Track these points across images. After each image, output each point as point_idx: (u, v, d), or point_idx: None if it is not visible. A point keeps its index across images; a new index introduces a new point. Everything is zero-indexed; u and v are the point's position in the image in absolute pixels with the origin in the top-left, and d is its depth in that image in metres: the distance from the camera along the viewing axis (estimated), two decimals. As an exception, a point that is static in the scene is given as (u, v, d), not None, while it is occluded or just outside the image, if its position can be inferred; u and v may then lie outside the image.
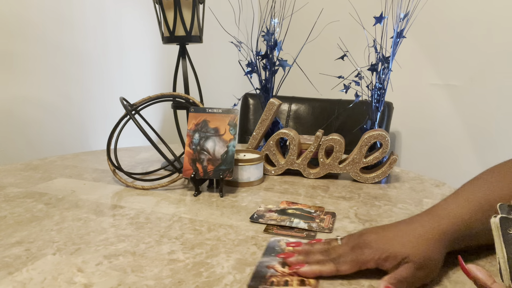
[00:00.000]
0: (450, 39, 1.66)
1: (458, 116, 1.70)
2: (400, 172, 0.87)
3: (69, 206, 0.65)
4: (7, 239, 0.53)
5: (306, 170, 0.82)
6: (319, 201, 0.68)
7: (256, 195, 0.71)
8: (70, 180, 0.80)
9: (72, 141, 1.30)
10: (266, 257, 0.48)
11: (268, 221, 0.59)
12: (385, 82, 0.83)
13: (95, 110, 1.36)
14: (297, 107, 1.55)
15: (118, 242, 0.52)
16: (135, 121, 0.72)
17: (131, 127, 1.58)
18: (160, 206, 0.65)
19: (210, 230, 0.56)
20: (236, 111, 0.75)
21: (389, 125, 1.45)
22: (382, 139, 0.76)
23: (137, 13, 1.47)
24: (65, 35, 1.23)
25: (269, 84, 0.93)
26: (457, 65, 1.67)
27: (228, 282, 0.42)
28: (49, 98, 1.21)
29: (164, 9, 0.80)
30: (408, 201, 0.69)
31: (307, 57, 1.99)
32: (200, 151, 0.73)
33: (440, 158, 1.77)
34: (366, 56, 0.85)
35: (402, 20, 0.81)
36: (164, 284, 0.42)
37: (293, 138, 0.81)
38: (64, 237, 0.53)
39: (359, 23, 1.78)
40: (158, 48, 1.58)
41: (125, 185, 0.76)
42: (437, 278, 0.43)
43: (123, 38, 1.43)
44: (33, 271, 0.45)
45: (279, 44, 0.91)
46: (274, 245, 0.51)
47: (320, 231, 0.55)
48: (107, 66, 1.38)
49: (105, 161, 0.95)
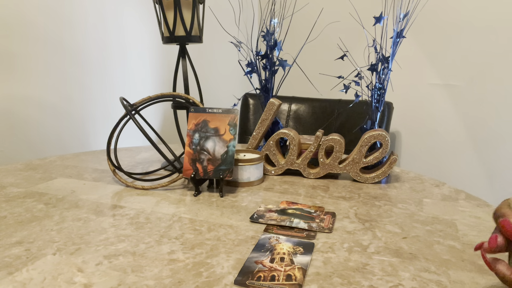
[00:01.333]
0: (450, 39, 1.66)
1: (458, 116, 1.70)
2: (400, 172, 0.87)
3: (69, 206, 0.65)
4: (7, 239, 0.53)
5: (306, 170, 0.82)
6: (319, 201, 0.68)
7: (256, 195, 0.71)
8: (70, 180, 0.80)
9: (72, 141, 1.30)
10: (255, 253, 0.48)
11: (268, 221, 0.59)
12: (385, 82, 0.83)
13: (95, 110, 1.36)
14: (297, 107, 1.55)
15: (118, 242, 0.52)
16: (135, 121, 0.72)
17: (131, 127, 1.58)
18: (160, 206, 0.65)
19: (210, 230, 0.56)
20: (236, 111, 0.75)
21: (389, 125, 1.45)
22: (382, 139, 0.76)
23: (137, 13, 1.47)
24: (66, 35, 1.23)
25: (269, 84, 0.93)
26: (457, 65, 1.67)
27: (228, 282, 0.42)
28: (49, 98, 1.21)
29: (164, 9, 0.80)
30: (408, 201, 0.69)
31: (307, 57, 1.99)
32: (200, 151, 0.73)
33: (440, 158, 1.77)
34: (366, 56, 0.85)
35: (402, 20, 0.81)
36: (164, 284, 0.42)
37: (293, 138, 0.81)
38: (64, 237, 0.53)
39: (359, 23, 1.78)
40: (158, 48, 1.58)
41: (125, 185, 0.76)
42: (437, 278, 0.43)
43: (123, 38, 1.43)
44: (33, 271, 0.45)
45: (279, 44, 0.91)
46: (264, 242, 0.51)
47: (320, 231, 0.56)
48: (107, 66, 1.38)
49: (105, 161, 0.95)
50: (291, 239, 0.53)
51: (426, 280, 0.43)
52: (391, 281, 0.43)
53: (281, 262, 0.46)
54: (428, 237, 0.54)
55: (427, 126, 1.78)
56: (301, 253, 0.49)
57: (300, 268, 0.45)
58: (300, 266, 0.46)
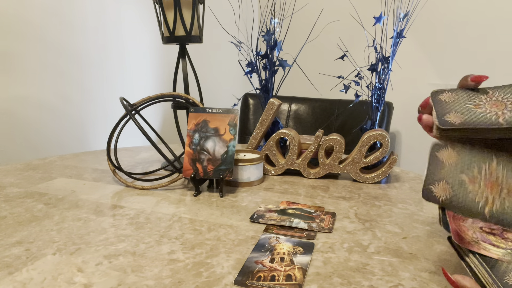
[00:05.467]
0: (450, 39, 1.66)
1: (458, 116, 1.70)
2: (400, 172, 0.87)
3: (69, 206, 0.65)
4: (7, 239, 0.53)
5: (306, 170, 0.82)
6: (319, 201, 0.68)
7: (256, 195, 0.71)
8: (70, 180, 0.80)
9: (72, 141, 1.30)
10: (255, 253, 0.48)
11: (268, 221, 0.59)
12: (385, 82, 0.83)
13: (95, 110, 1.36)
14: (297, 107, 1.55)
15: (118, 242, 0.52)
16: (135, 121, 0.72)
17: (131, 127, 1.58)
18: (160, 206, 0.65)
19: (210, 230, 0.56)
20: (236, 111, 0.75)
21: (389, 125, 1.45)
22: (382, 139, 0.76)
23: (137, 13, 1.47)
24: (65, 35, 1.23)
25: (269, 84, 0.93)
26: (457, 65, 1.67)
27: (228, 282, 0.42)
28: (49, 98, 1.21)
29: (164, 9, 0.80)
30: (408, 201, 0.69)
31: (307, 57, 1.99)
32: (200, 151, 0.73)
33: (440, 158, 1.77)
34: (366, 56, 0.85)
35: (402, 20, 0.81)
36: (164, 284, 0.42)
37: (293, 138, 0.81)
38: (64, 237, 0.53)
39: (359, 23, 1.78)
40: (158, 48, 1.58)
41: (125, 185, 0.76)
42: (437, 278, 0.43)
43: (123, 38, 1.43)
44: (33, 271, 0.45)
45: (279, 44, 0.91)
46: (264, 242, 0.51)
47: (320, 231, 0.55)
48: (107, 66, 1.38)
49: (105, 161, 0.95)
50: (291, 239, 0.53)
51: (426, 280, 0.43)
52: (391, 281, 0.43)
53: (281, 262, 0.46)
54: (428, 237, 0.54)
55: (427, 126, 1.78)
56: (301, 253, 0.49)
57: (300, 268, 0.45)
58: (300, 266, 0.46)
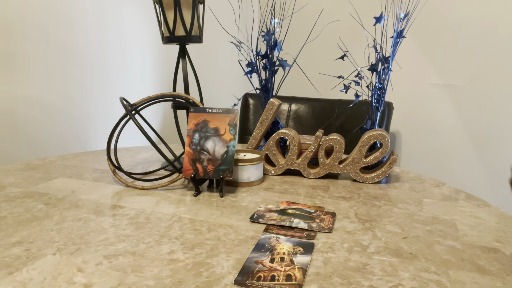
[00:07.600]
0: (450, 39, 1.66)
1: (458, 116, 1.70)
2: (400, 172, 0.87)
3: (69, 206, 0.65)
4: (7, 239, 0.53)
5: (306, 170, 0.82)
6: (319, 201, 0.68)
7: (256, 195, 0.71)
8: (70, 180, 0.80)
9: (72, 141, 1.30)
10: (255, 253, 0.48)
11: (268, 221, 0.59)
12: (385, 82, 0.83)
13: (95, 110, 1.36)
14: (297, 107, 1.55)
15: (118, 242, 0.52)
16: (135, 121, 0.72)
17: (131, 127, 1.58)
18: (160, 206, 0.65)
19: (210, 230, 0.56)
20: (236, 111, 0.75)
21: (389, 125, 1.45)
22: (382, 139, 0.76)
23: (137, 13, 1.47)
24: (66, 35, 1.23)
25: (269, 84, 0.93)
26: (457, 65, 1.67)
27: (228, 282, 0.42)
28: (50, 98, 1.21)
29: (164, 9, 0.80)
30: (408, 201, 0.69)
31: (307, 57, 1.99)
32: (200, 151, 0.73)
33: (440, 158, 1.77)
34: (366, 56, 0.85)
35: (402, 20, 0.81)
36: (164, 284, 0.42)
37: (293, 138, 0.81)
38: (64, 237, 0.53)
39: (359, 23, 1.78)
40: (158, 48, 1.58)
41: (125, 185, 0.76)
42: (437, 278, 0.43)
43: (123, 38, 1.43)
44: (33, 271, 0.45)
45: (279, 44, 0.91)
46: (264, 242, 0.51)
47: (320, 231, 0.55)
48: (107, 66, 1.38)
49: (105, 161, 0.95)
50: (291, 239, 0.53)
51: (426, 280, 0.43)
52: (391, 281, 0.43)
53: (281, 262, 0.46)
54: (428, 237, 0.54)
55: (427, 126, 1.78)
56: (301, 253, 0.49)
57: (300, 268, 0.45)
58: (300, 266, 0.46)
